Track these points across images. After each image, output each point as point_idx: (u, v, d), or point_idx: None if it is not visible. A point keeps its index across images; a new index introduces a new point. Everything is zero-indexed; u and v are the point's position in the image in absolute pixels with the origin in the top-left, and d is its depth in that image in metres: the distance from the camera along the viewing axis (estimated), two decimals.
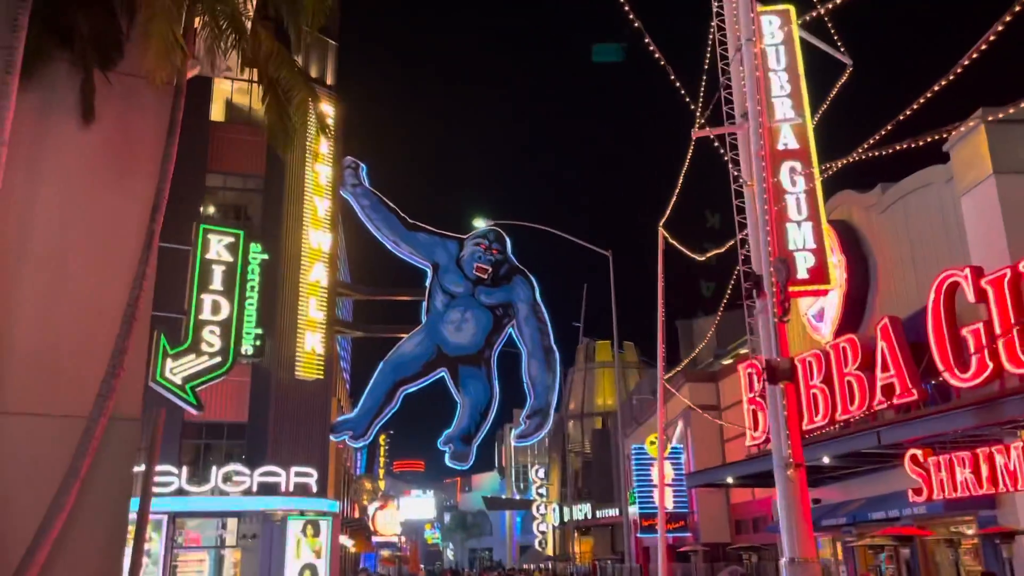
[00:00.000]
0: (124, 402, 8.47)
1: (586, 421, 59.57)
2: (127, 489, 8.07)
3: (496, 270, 26.83)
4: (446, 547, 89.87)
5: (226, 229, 16.23)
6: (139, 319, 7.74)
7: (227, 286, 15.79)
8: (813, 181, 12.45)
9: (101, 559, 7.94)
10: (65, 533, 7.75)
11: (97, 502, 8.08)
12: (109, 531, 7.99)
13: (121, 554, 7.99)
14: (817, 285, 12.15)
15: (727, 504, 27.99)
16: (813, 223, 12.47)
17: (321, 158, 25.54)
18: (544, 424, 26.09)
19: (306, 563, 22.50)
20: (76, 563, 7.81)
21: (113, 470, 8.24)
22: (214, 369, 15.46)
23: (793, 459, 11.18)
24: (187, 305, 15.54)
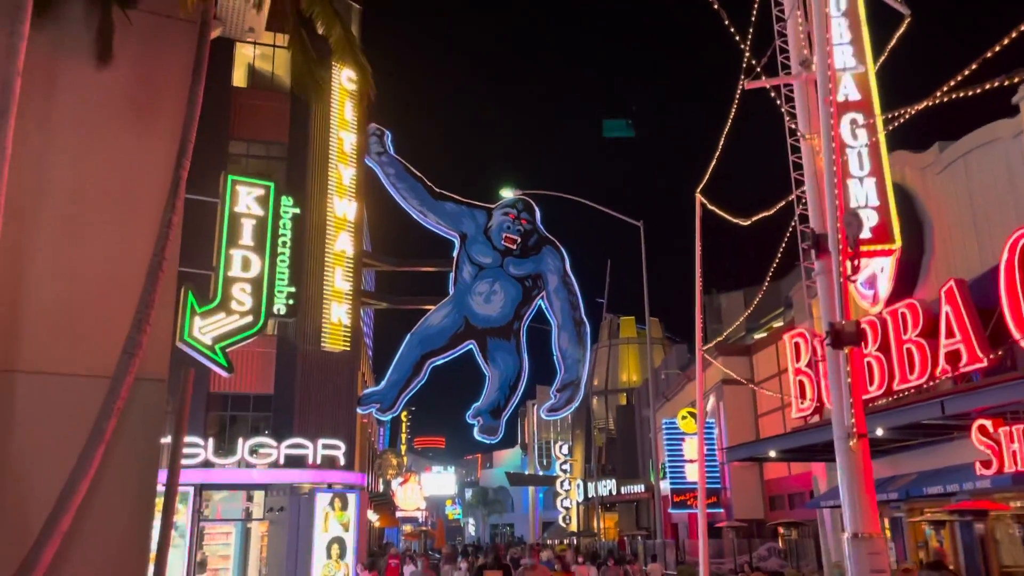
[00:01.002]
0: (150, 361, 7.87)
1: (610, 397, 59.11)
2: (155, 453, 7.52)
3: (525, 240, 26.15)
4: (467, 523, 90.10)
5: (256, 180, 15.49)
6: (166, 271, 7.16)
7: (257, 241, 15.09)
8: (876, 134, 11.65)
9: (128, 526, 7.36)
10: (90, 499, 7.19)
11: (123, 467, 7.50)
12: (136, 497, 7.41)
13: (150, 522, 7.44)
14: (882, 245, 11.39)
15: (761, 480, 27.35)
16: (876, 179, 11.68)
17: (346, 125, 24.88)
18: (575, 398, 25.50)
19: (334, 536, 22.14)
20: (102, 530, 7.23)
21: (140, 433, 7.66)
22: (245, 329, 14.75)
23: (857, 429, 10.50)
24: (215, 261, 14.80)
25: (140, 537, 7.56)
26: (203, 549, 22.50)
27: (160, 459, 8.08)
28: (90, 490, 7.32)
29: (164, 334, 7.99)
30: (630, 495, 47.93)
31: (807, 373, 16.85)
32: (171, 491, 7.91)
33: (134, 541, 7.59)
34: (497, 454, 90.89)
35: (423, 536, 51.15)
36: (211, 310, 14.21)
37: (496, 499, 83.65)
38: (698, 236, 20.23)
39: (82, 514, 7.38)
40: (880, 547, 10.35)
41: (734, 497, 27.21)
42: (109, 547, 7.73)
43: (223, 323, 14.16)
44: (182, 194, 7.47)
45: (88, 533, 7.52)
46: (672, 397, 36.95)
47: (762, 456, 18.91)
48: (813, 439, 14.94)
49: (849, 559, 10.53)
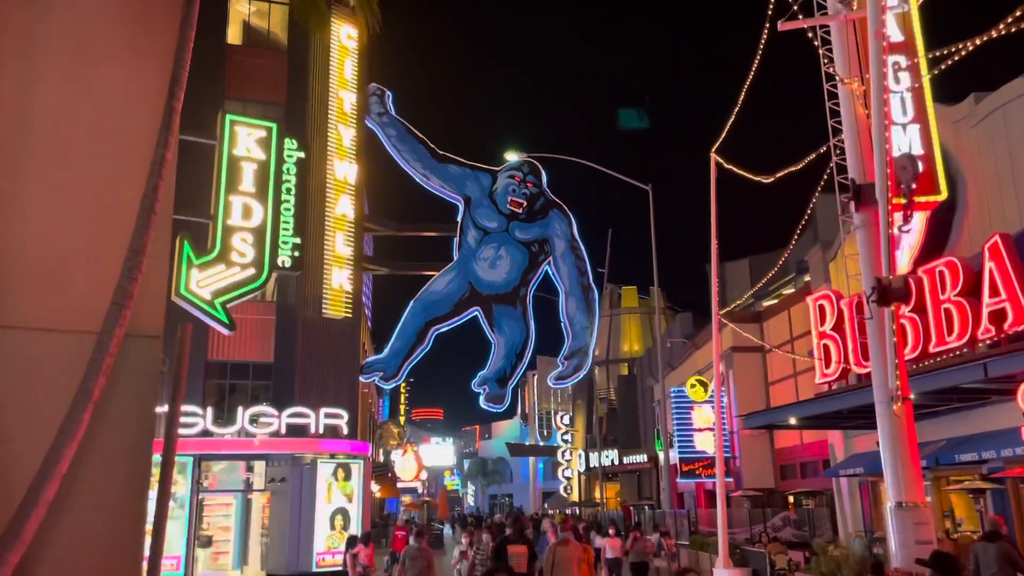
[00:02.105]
0: (143, 316, 7.07)
1: (612, 367, 58.68)
2: (150, 417, 6.78)
3: (531, 204, 25.36)
4: (465, 493, 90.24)
5: (256, 121, 14.49)
6: (159, 213, 6.39)
7: (259, 187, 14.14)
8: (920, 78, 10.87)
9: (122, 495, 6.60)
10: (79, 466, 6.42)
11: (116, 431, 6.72)
12: (131, 464, 6.65)
13: (146, 491, 6.70)
14: (926, 196, 10.63)
15: (771, 449, 26.84)
16: (920, 125, 10.92)
17: (345, 83, 23.94)
18: (583, 365, 24.88)
19: (337, 507, 21.61)
20: (93, 500, 6.46)
21: (133, 394, 6.87)
22: (247, 282, 13.81)
23: (901, 392, 9.85)
24: (213, 209, 13.85)
25: (136, 507, 6.82)
26: (204, 524, 21.96)
27: (156, 426, 7.36)
28: (79, 456, 6.57)
29: (158, 286, 7.19)
30: (632, 465, 47.66)
31: (832, 336, 16.20)
32: (168, 459, 7.21)
33: (129, 511, 6.84)
34: (496, 425, 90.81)
35: (425, 507, 50.90)
36: (210, 262, 13.27)
37: (495, 470, 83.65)
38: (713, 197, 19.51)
39: (71, 482, 6.62)
40: (926, 516, 9.76)
41: (744, 467, 26.71)
42: (102, 517, 6.98)
43: (223, 276, 13.23)
44: (175, 129, 6.68)
45: (78, 502, 6.76)
46: (678, 366, 36.40)
47: (780, 423, 18.34)
48: (840, 404, 14.31)
49: (892, 530, 9.97)
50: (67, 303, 6.91)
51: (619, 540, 15.71)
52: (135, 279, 6.49)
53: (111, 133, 7.27)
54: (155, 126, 7.17)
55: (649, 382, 44.64)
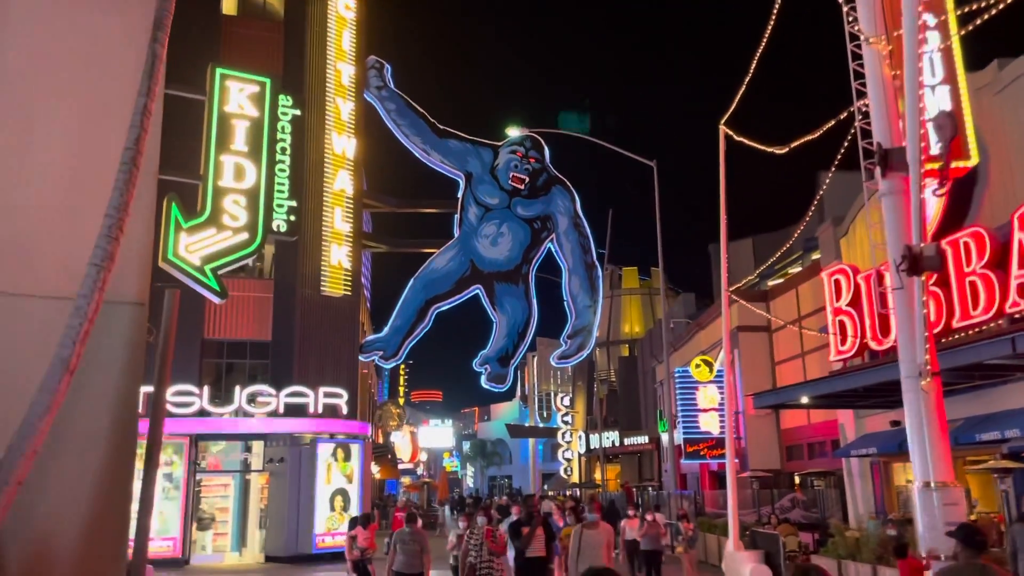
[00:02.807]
0: (127, 281, 6.45)
1: (612, 349, 58.28)
2: (134, 390, 6.17)
3: (534, 180, 24.79)
4: (464, 475, 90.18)
5: (249, 75, 13.76)
6: (141, 168, 5.80)
7: (252, 146, 13.43)
8: (949, 36, 10.32)
9: (106, 475, 5.99)
10: (57, 443, 5.80)
11: (97, 405, 6.10)
12: (114, 441, 6.03)
13: (131, 470, 6.10)
14: (956, 161, 10.09)
15: (777, 429, 26.45)
16: (951, 87, 10.36)
17: (343, 55, 23.28)
18: (586, 344, 24.42)
19: (337, 488, 21.22)
20: (73, 480, 5.84)
21: (116, 365, 6.24)
22: (240, 248, 12.99)
23: (931, 367, 9.37)
24: (203, 169, 13.08)
25: (120, 487, 6.28)
26: (202, 505, 21.57)
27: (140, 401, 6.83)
28: (58, 433, 6.04)
29: (143, 250, 6.62)
30: (633, 447, 47.39)
31: (848, 312, 15.71)
32: (155, 438, 6.68)
33: (113, 491, 6.29)
34: (495, 407, 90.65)
35: (425, 488, 50.65)
36: (199, 225, 12.57)
37: (494, 451, 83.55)
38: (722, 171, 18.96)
39: (48, 461, 6.06)
40: (957, 496, 9.28)
41: (749, 447, 26.32)
42: (83, 498, 6.41)
43: (214, 240, 12.54)
44: (160, 77, 6.07)
45: (56, 483, 6.21)
46: (681, 347, 35.95)
47: (791, 403, 17.90)
48: (858, 382, 13.86)
49: (919, 511, 9.52)
50: (43, 267, 6.41)
51: (638, 521, 14.90)
52: (115, 239, 5.97)
53: (89, 84, 6.73)
54: (136, 72, 6.65)
55: (651, 363, 44.24)
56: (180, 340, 20.14)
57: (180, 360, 20.94)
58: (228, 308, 21.95)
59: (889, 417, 17.49)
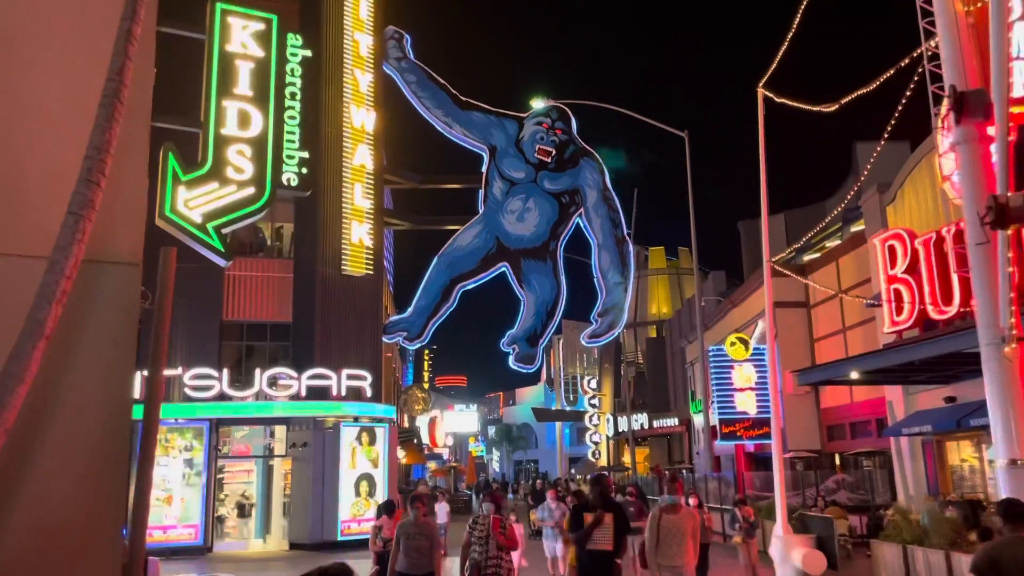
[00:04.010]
0: (117, 239, 5.58)
1: (639, 330, 57.26)
2: (127, 362, 5.32)
3: (560, 152, 23.83)
4: (490, 459, 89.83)
5: (252, 11, 12.78)
6: (127, 103, 4.96)
7: (258, 90, 12.43)
8: None
9: (95, 460, 5.11)
10: (36, 423, 4.94)
11: (84, 378, 5.24)
12: (105, 419, 5.17)
13: (125, 451, 5.24)
14: None
15: (817, 408, 25.44)
16: None
17: (361, 25, 22.40)
18: (618, 322, 23.50)
19: (362, 473, 20.56)
20: (56, 467, 4.98)
21: (105, 334, 5.37)
22: (246, 204, 11.69)
23: (1016, 331, 8.43)
24: (203, 115, 11.94)
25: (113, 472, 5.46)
26: (224, 492, 21.04)
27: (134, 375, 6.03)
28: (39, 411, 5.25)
29: (135, 202, 5.78)
30: (662, 429, 46.55)
31: (905, 280, 14.69)
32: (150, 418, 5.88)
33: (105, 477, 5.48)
34: (520, 391, 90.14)
35: (452, 472, 50.15)
36: (200, 178, 11.50)
37: (520, 435, 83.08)
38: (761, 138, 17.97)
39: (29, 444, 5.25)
40: None
41: (788, 427, 25.31)
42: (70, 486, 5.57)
43: (216, 195, 11.52)
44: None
45: (39, 469, 5.38)
46: (712, 325, 34.93)
47: (840, 379, 16.93)
48: (919, 354, 12.85)
49: (1005, 491, 8.62)
50: (21, 222, 5.65)
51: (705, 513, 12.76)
52: (96, 183, 5.15)
53: (73, 14, 5.94)
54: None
55: (681, 343, 43.24)
56: (198, 322, 19.49)
57: (199, 342, 20.39)
58: (247, 289, 21.34)
59: (943, 393, 16.47)
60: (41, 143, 5.80)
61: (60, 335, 5.49)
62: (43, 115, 5.81)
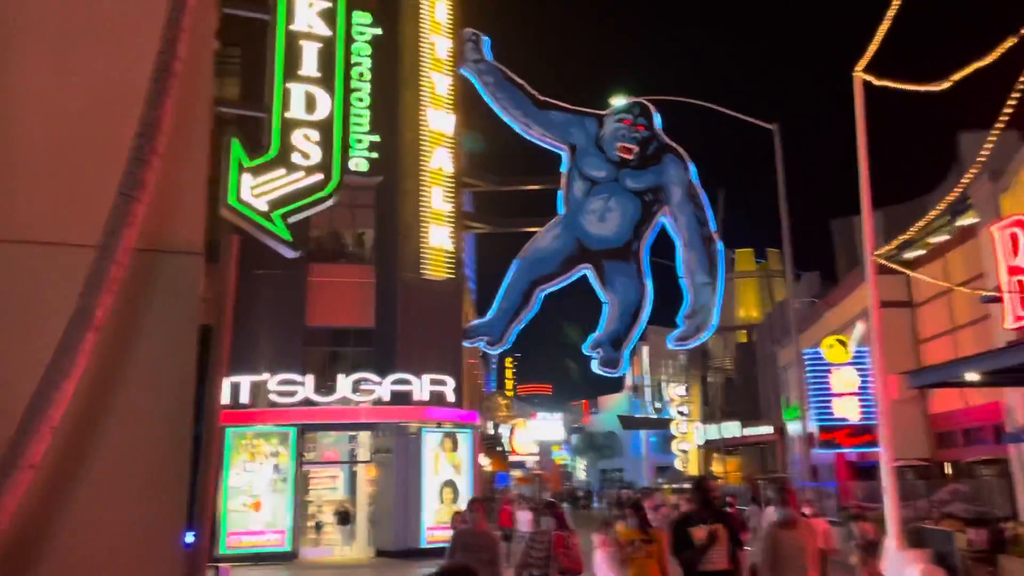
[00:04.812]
0: (177, 227, 5.36)
1: (727, 335, 55.59)
2: (188, 357, 5.03)
3: (643, 149, 23.07)
4: (575, 468, 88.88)
5: None
6: (179, 76, 4.70)
7: (324, 71, 12.08)
8: None
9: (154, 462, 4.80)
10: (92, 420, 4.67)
11: (143, 375, 4.95)
12: (162, 420, 4.87)
13: (186, 453, 4.92)
14: None
15: (924, 414, 23.85)
16: None
17: (438, 28, 22.28)
18: (706, 325, 22.51)
19: (446, 479, 20.28)
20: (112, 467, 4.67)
21: (164, 328, 5.11)
22: (313, 190, 11.20)
23: None
24: (268, 99, 11.63)
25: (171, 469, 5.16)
26: (310, 498, 21.12)
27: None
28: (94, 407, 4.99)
29: (195, 190, 5.52)
30: (754, 437, 44.92)
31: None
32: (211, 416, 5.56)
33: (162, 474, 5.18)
34: (603, 399, 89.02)
35: (537, 481, 49.66)
36: (265, 164, 11.19)
37: (605, 444, 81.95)
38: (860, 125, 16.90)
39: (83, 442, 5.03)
40: None
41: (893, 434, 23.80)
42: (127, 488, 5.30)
43: (283, 182, 11.20)
44: None
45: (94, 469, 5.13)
46: (807, 328, 33.37)
47: (955, 380, 15.64)
48: None
49: None
50: (77, 212, 5.38)
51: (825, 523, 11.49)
52: (147, 162, 4.82)
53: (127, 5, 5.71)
54: None
55: (772, 348, 41.60)
56: (283, 328, 19.53)
57: (283, 348, 20.54)
58: (330, 295, 21.44)
59: None
60: (94, 125, 5.56)
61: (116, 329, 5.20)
62: (96, 96, 5.58)
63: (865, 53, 16.73)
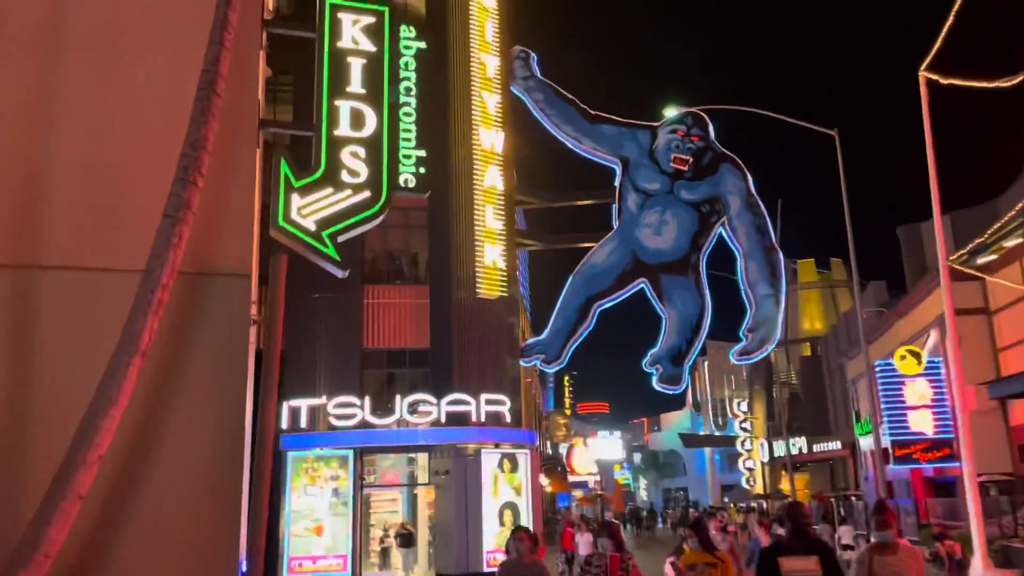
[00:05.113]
0: (225, 249, 5.25)
1: (791, 348, 54.14)
2: (238, 379, 4.90)
3: (698, 160, 22.61)
4: (637, 487, 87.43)
5: (363, 4, 12.50)
6: (228, 101, 4.60)
7: (371, 88, 12.06)
8: None
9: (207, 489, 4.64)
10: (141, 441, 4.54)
11: (191, 399, 4.81)
12: (213, 444, 4.72)
13: (238, 477, 4.77)
14: None
15: (1006, 426, 22.68)
16: None
17: (488, 47, 22.28)
18: (770, 338, 21.81)
19: (506, 502, 19.96)
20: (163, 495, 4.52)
21: (214, 350, 4.95)
22: (362, 208, 11.05)
23: None
24: (316, 117, 11.66)
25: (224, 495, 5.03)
26: (371, 522, 21.05)
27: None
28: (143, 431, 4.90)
29: (242, 210, 5.43)
30: (823, 453, 43.50)
31: None
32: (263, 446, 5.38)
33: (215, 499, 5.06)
34: (664, 416, 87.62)
35: (599, 501, 48.90)
36: (314, 183, 11.14)
37: (667, 462, 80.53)
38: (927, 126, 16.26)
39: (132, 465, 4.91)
40: None
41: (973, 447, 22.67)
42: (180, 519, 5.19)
43: (331, 200, 11.14)
44: None
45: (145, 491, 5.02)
46: (876, 339, 32.22)
47: None
48: None
49: None
50: (123, 237, 5.31)
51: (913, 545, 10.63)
52: (192, 183, 4.75)
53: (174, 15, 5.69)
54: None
55: (839, 360, 40.30)
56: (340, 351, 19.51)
57: (341, 371, 20.61)
58: (386, 316, 21.53)
59: None
60: (141, 149, 5.49)
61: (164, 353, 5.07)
62: (139, 118, 5.51)
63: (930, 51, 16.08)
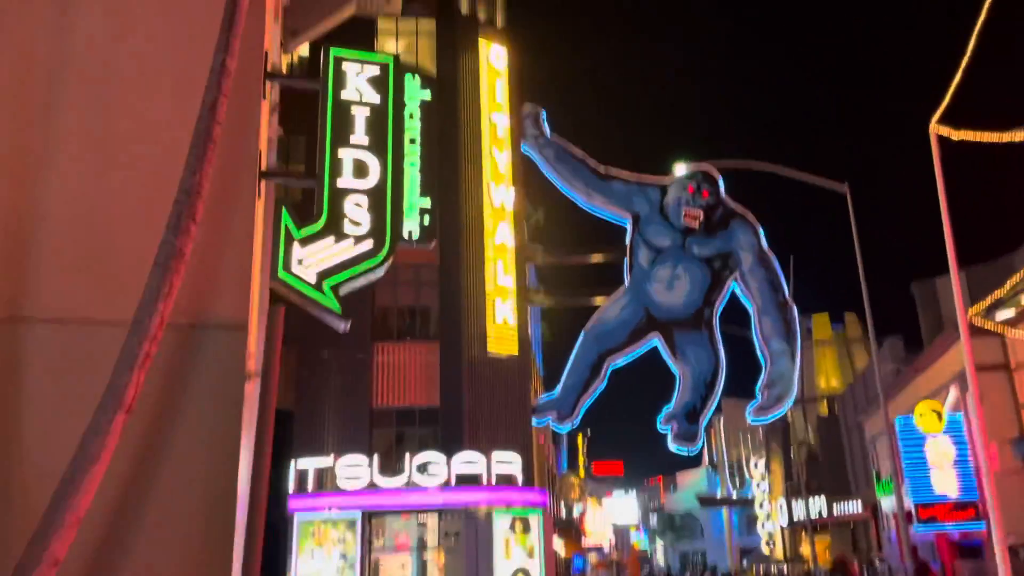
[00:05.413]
0: (221, 300, 5.09)
1: (808, 406, 53.28)
2: (232, 434, 4.69)
3: (709, 215, 22.50)
4: (654, 551, 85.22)
5: (368, 55, 12.53)
6: (218, 142, 4.49)
7: (375, 138, 11.99)
8: None
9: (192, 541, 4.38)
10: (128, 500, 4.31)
11: (183, 456, 4.60)
12: (206, 504, 4.47)
13: (229, 537, 4.49)
14: None
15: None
16: None
17: (498, 107, 22.55)
18: (786, 395, 21.33)
19: (518, 567, 19.36)
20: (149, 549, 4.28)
21: (208, 405, 4.74)
22: (364, 258, 10.81)
23: None
24: (319, 168, 11.56)
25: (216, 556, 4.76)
26: None
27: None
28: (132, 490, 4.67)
29: (239, 262, 5.29)
30: (844, 516, 42.34)
31: None
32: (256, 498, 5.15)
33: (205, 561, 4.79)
34: (681, 475, 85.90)
35: (615, 567, 47.60)
36: (315, 233, 10.97)
37: (684, 524, 78.61)
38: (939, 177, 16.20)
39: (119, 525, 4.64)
40: None
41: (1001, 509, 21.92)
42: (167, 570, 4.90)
43: (332, 251, 10.96)
44: (239, 30, 4.81)
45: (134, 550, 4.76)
46: (894, 396, 31.61)
47: None
48: None
49: None
50: (113, 289, 5.16)
51: None
52: (185, 231, 4.61)
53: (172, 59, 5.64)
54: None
55: (857, 418, 39.55)
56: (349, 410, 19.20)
57: (349, 431, 20.30)
58: (396, 374, 21.28)
59: None
60: (134, 198, 5.37)
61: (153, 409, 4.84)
62: (136, 168, 5.40)
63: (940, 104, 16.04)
